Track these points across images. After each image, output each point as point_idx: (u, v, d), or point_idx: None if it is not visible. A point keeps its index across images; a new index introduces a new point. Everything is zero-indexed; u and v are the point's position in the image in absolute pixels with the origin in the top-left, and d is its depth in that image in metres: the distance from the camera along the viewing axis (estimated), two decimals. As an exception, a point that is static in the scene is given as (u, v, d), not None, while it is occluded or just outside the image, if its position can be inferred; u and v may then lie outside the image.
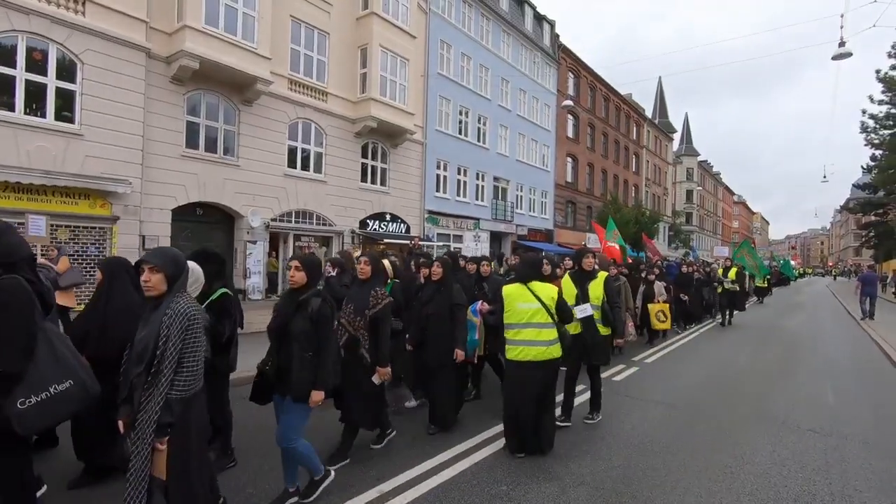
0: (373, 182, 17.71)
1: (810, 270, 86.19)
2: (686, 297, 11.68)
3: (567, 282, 4.94)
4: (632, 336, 8.04)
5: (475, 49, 22.78)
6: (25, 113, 9.68)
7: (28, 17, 9.57)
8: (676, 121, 56.31)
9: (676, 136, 54.72)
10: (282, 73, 14.29)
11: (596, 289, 4.83)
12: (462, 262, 6.20)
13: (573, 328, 4.58)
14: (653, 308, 9.61)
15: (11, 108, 9.52)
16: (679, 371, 7.58)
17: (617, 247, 13.05)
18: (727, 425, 5.05)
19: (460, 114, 22.04)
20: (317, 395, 3.02)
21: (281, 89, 14.31)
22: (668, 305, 9.81)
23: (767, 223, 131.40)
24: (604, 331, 4.85)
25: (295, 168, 15.03)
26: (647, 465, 4.01)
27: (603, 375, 7.04)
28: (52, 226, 9.91)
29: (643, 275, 10.39)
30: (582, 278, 4.88)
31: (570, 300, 4.67)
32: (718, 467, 4.02)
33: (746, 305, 18.88)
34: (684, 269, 12.57)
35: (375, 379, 3.84)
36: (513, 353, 4.03)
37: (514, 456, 4.07)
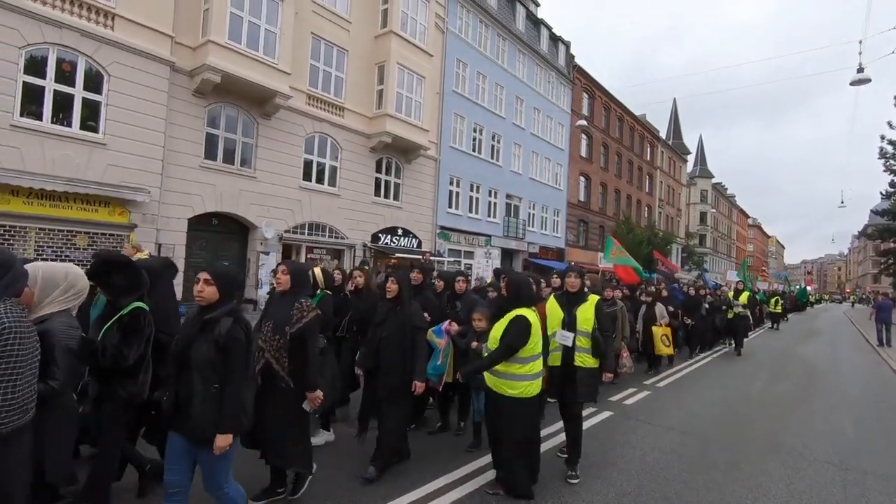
0: (386, 196, 17.84)
1: (827, 297, 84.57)
2: (691, 322, 10.99)
3: (553, 305, 4.29)
4: (626, 368, 7.26)
5: (491, 68, 23.06)
6: (52, 122, 9.97)
7: (60, 31, 9.91)
8: (690, 143, 56.21)
9: (690, 158, 54.54)
10: (300, 88, 14.57)
11: (585, 313, 4.16)
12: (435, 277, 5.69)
13: (554, 359, 4.17)
14: (656, 331, 8.88)
15: (39, 117, 9.81)
16: (692, 397, 7.43)
17: (629, 267, 12.80)
18: (742, 455, 4.92)
19: (474, 131, 22.23)
20: (222, 440, 2.43)
21: (299, 104, 14.58)
22: (670, 330, 9.13)
23: (783, 247, 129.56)
24: (591, 362, 4.12)
25: (310, 181, 15.23)
26: (660, 494, 3.91)
27: (613, 398, 6.98)
28: (70, 232, 10.15)
29: (638, 294, 9.91)
30: (570, 301, 4.24)
31: (556, 325, 4.18)
32: (733, 498, 3.91)
33: (758, 331, 18.52)
34: (691, 291, 12.03)
35: (307, 406, 3.30)
36: (489, 379, 3.71)
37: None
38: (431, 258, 17.20)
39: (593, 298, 4.25)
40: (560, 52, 29.31)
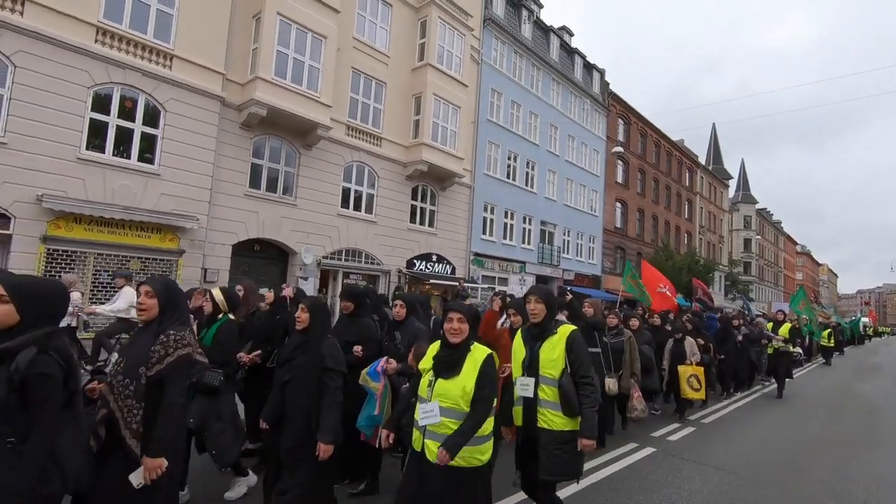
0: (421, 223, 18.08)
1: (888, 329, 78.90)
2: (721, 357, 9.47)
3: (518, 341, 3.23)
4: (638, 412, 6.16)
5: (525, 97, 23.33)
6: (114, 154, 10.70)
7: (124, 71, 10.73)
8: (731, 168, 54.65)
9: (732, 183, 52.96)
10: (340, 119, 15.13)
11: (551, 351, 3.02)
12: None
13: (516, 416, 3.15)
14: (684, 371, 7.51)
15: (102, 150, 10.55)
16: (741, 435, 7.04)
17: (664, 293, 12.13)
18: (798, 501, 4.60)
19: (509, 158, 22.39)
20: None
21: (339, 134, 15.12)
22: (702, 369, 7.68)
23: (836, 276, 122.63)
24: (559, 423, 2.96)
25: (348, 208, 15.64)
26: (709, 540, 3.70)
27: (656, 434, 6.69)
28: (125, 257, 10.74)
29: (659, 323, 8.55)
30: (532, 334, 3.14)
31: (518, 370, 3.15)
32: (791, 549, 3.65)
33: (809, 366, 17.30)
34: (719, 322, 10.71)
35: (134, 478, 2.27)
36: (417, 441, 2.65)
37: None
38: (465, 284, 17.23)
39: (564, 331, 3.08)
40: (595, 80, 29.40)
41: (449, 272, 18.82)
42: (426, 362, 2.76)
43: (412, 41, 17.47)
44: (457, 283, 16.80)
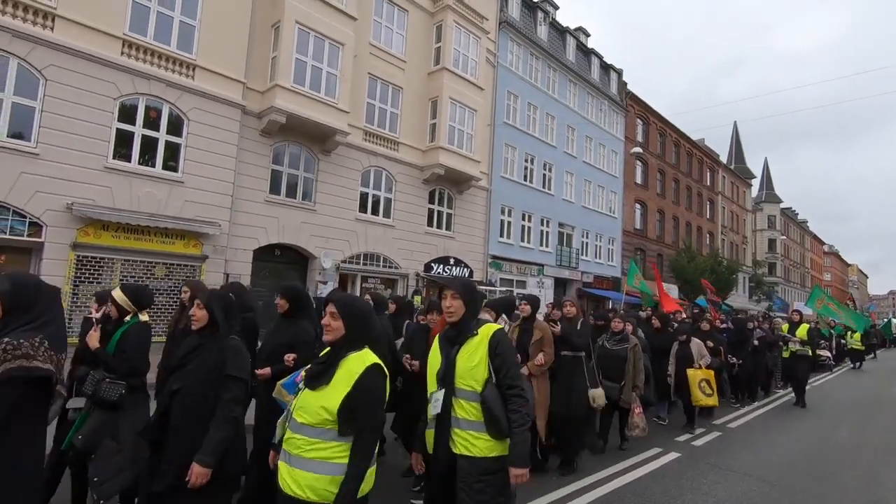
0: (438, 227, 18.12)
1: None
2: (737, 361, 8.81)
3: (434, 349, 2.67)
4: (638, 430, 5.61)
5: (542, 98, 23.23)
6: (139, 163, 10.99)
7: (149, 82, 11.02)
8: (754, 168, 53.46)
9: (755, 183, 51.79)
10: (358, 125, 15.28)
11: (469, 358, 2.47)
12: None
13: (428, 439, 2.56)
14: (693, 376, 6.84)
15: (129, 160, 10.84)
16: (770, 440, 6.85)
17: (670, 296, 11.82)
18: (831, 509, 4.46)
19: (526, 161, 22.30)
20: None
21: (356, 140, 15.27)
22: (712, 373, 7.04)
23: (866, 276, 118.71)
24: (481, 447, 2.39)
25: (366, 213, 15.76)
26: (738, 548, 3.60)
27: (680, 439, 6.56)
28: (150, 263, 11.00)
29: (660, 326, 7.74)
30: (449, 338, 2.58)
31: (433, 383, 2.57)
32: (824, 559, 3.53)
33: (837, 370, 16.57)
34: (729, 323, 9.95)
35: None
36: (284, 472, 2.05)
37: None
38: (481, 287, 17.18)
39: (487, 331, 2.50)
40: (612, 80, 29.12)
41: (467, 275, 18.79)
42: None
43: (428, 46, 17.56)
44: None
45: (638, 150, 24.16)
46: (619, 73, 29.69)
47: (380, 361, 2.09)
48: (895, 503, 4.69)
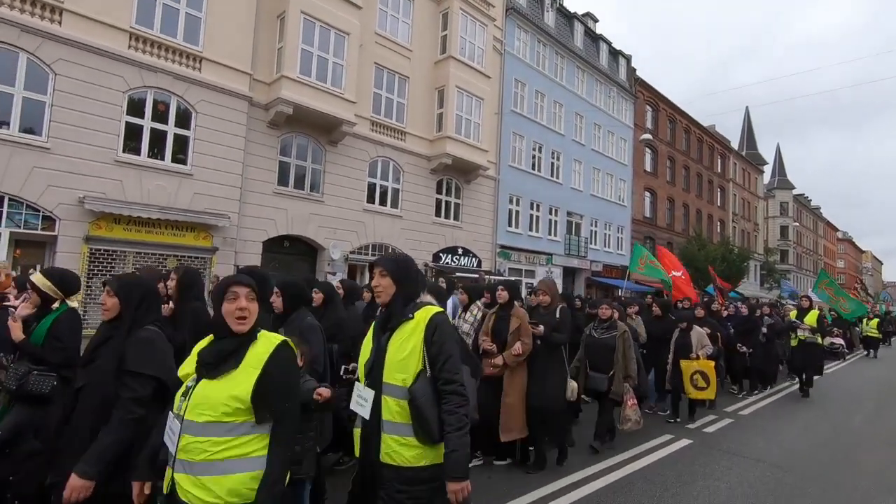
0: (446, 217, 18.08)
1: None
2: (747, 350, 8.59)
3: (367, 337, 2.29)
4: (631, 423, 5.24)
5: (549, 86, 22.98)
6: (149, 156, 11.05)
7: (156, 75, 11.04)
8: (766, 153, 52.64)
9: (767, 169, 51.02)
10: (364, 115, 15.22)
11: (401, 348, 2.08)
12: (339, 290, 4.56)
13: (356, 442, 2.18)
14: (687, 367, 6.49)
15: (138, 153, 10.91)
16: (781, 427, 6.81)
17: (681, 277, 11.46)
18: (845, 495, 4.43)
19: (534, 149, 22.12)
20: None
21: (363, 130, 15.22)
22: (712, 364, 6.58)
23: (880, 263, 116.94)
24: (409, 455, 2.01)
25: (373, 203, 15.76)
26: (751, 533, 3.60)
27: (692, 426, 6.54)
28: (161, 255, 11.10)
29: (660, 313, 7.40)
30: (383, 324, 2.20)
31: (361, 377, 2.20)
32: (839, 543, 3.52)
33: (851, 358, 16.30)
34: (742, 309, 9.50)
35: None
36: (184, 482, 1.72)
37: None
38: (486, 277, 17.14)
39: (424, 315, 2.11)
40: (621, 67, 28.71)
41: (475, 265, 18.78)
42: (187, 366, 1.87)
43: (434, 34, 17.40)
44: (479, 276, 16.73)
45: (647, 137, 23.91)
46: (628, 59, 29.26)
47: (287, 340, 1.89)
48: (911, 489, 4.65)
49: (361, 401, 2.11)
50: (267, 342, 1.84)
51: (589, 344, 5.51)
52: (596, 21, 28.25)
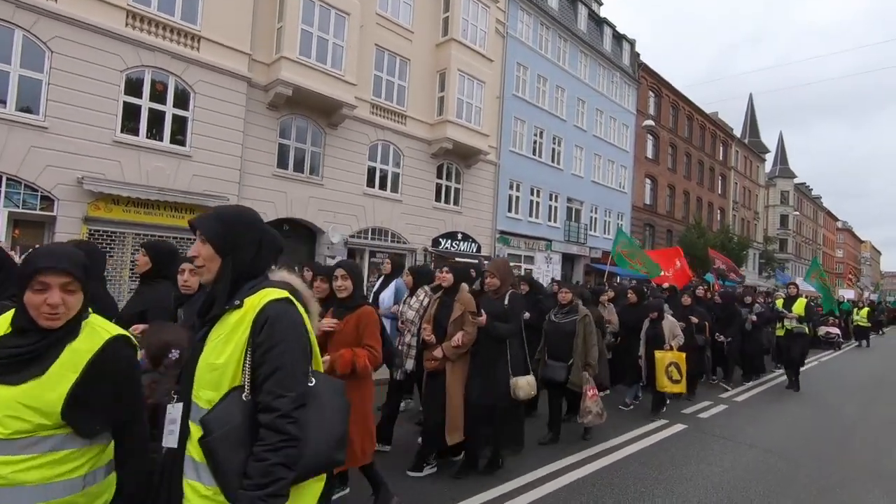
0: (446, 202, 18.03)
1: (933, 308, 75.23)
2: (725, 339, 8.31)
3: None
4: (591, 416, 4.73)
5: (552, 70, 22.72)
6: (147, 137, 10.96)
7: (154, 54, 10.89)
8: (769, 142, 52.33)
9: (769, 158, 50.76)
10: (365, 97, 15.07)
11: (217, 350, 1.42)
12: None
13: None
14: (661, 358, 6.07)
15: (136, 133, 10.81)
16: (775, 413, 6.90)
17: (677, 268, 11.36)
18: (837, 480, 4.51)
19: (535, 134, 21.97)
20: None
21: (363, 113, 15.08)
22: (684, 355, 6.18)
23: (879, 253, 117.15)
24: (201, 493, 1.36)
25: (373, 187, 15.69)
26: (742, 515, 3.67)
27: (686, 411, 6.63)
28: (160, 237, 11.08)
29: (636, 300, 6.88)
30: (203, 314, 1.54)
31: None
32: (828, 526, 3.59)
33: (846, 348, 16.25)
34: (715, 297, 8.99)
35: None
36: None
37: None
38: (484, 263, 17.18)
39: (257, 301, 1.45)
40: (624, 52, 28.36)
41: (475, 250, 18.80)
42: None
43: (436, 15, 17.14)
44: (477, 262, 16.76)
45: (650, 123, 23.75)
46: (632, 43, 28.89)
47: (124, 333, 1.55)
48: (900, 474, 4.73)
49: (171, 424, 1.48)
50: (92, 337, 1.44)
51: (548, 330, 5.15)
52: (600, 4, 27.82)
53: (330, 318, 3.10)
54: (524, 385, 4.03)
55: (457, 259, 16.78)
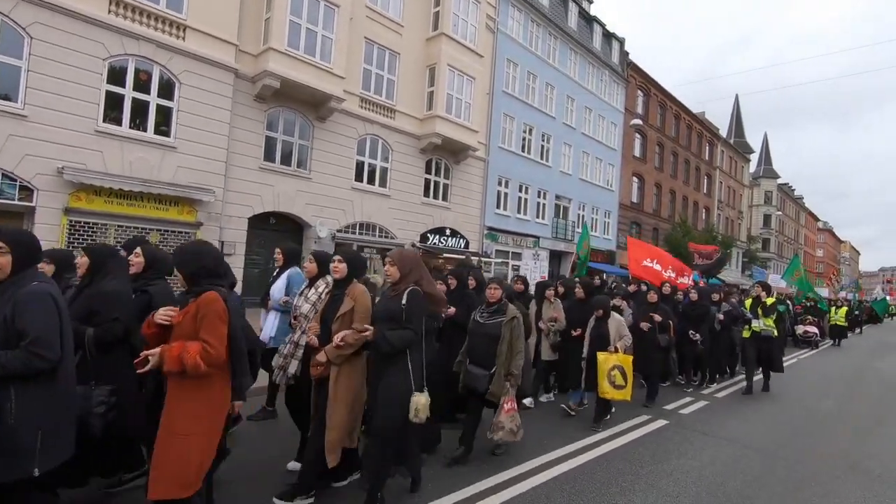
0: (435, 197, 18.01)
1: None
2: (698, 338, 7.71)
3: None
4: (505, 431, 4.07)
5: (541, 67, 22.77)
6: (131, 127, 10.77)
7: (138, 42, 10.68)
8: (754, 143, 53.10)
9: (754, 158, 51.55)
10: (354, 91, 14.96)
11: None
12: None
13: None
14: (604, 361, 5.37)
15: (119, 123, 10.62)
16: (755, 410, 7.04)
17: (654, 268, 11.41)
18: (812, 474, 4.62)
19: (524, 131, 22.03)
20: None
21: (352, 107, 14.98)
22: (630, 358, 5.49)
23: (858, 253, 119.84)
24: None
25: (362, 182, 15.61)
26: (720, 509, 3.75)
27: (668, 407, 6.73)
28: (144, 230, 10.91)
29: (583, 296, 6.28)
30: None
31: None
32: (802, 519, 3.68)
33: (823, 346, 16.14)
34: (692, 295, 8.19)
35: None
36: None
37: None
38: (472, 258, 17.20)
39: None
40: (614, 50, 28.51)
41: (462, 246, 18.82)
42: None
43: (426, 10, 17.05)
44: (464, 256, 16.78)
45: (638, 122, 23.94)
46: (622, 42, 29.05)
47: None
48: (876, 469, 4.86)
49: None
50: None
51: (472, 332, 4.40)
52: (590, 2, 27.91)
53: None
54: (423, 405, 3.19)
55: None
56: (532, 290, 7.10)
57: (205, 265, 2.55)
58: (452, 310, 4.89)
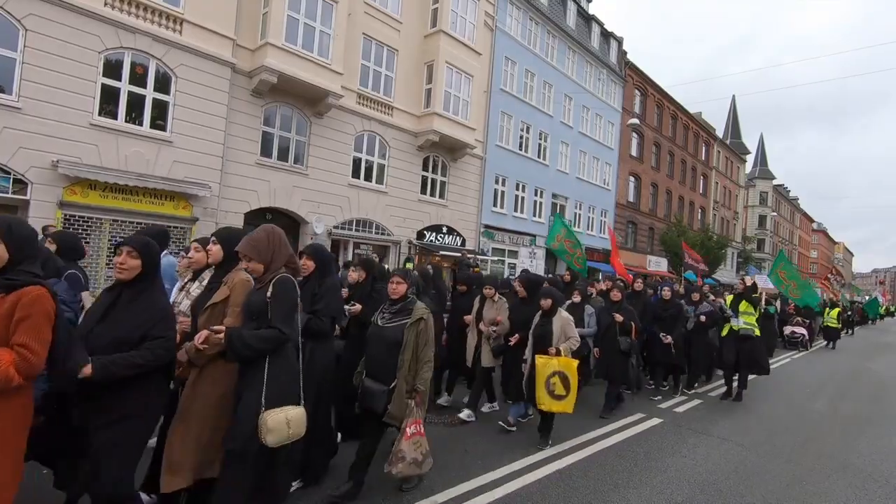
0: (432, 195, 18.00)
1: (900, 309, 77.76)
2: (669, 340, 6.95)
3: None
4: (405, 463, 3.29)
5: (539, 66, 22.76)
6: (126, 121, 10.68)
7: (134, 36, 10.60)
8: (750, 144, 53.37)
9: (750, 159, 51.78)
10: (351, 87, 14.91)
11: None
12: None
13: None
14: (543, 366, 4.60)
15: (115, 117, 10.53)
16: (747, 409, 7.09)
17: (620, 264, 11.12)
18: (804, 472, 4.67)
19: (521, 129, 22.02)
20: None
21: (350, 103, 14.93)
22: (575, 363, 4.67)
23: (851, 254, 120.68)
24: None
25: (359, 178, 15.57)
26: (713, 506, 3.77)
27: (663, 405, 6.78)
28: (140, 224, 10.85)
29: (525, 295, 5.36)
30: None
31: None
32: (794, 517, 3.71)
33: (815, 346, 15.92)
34: (664, 293, 7.40)
35: None
36: None
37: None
38: (469, 256, 17.21)
39: None
40: (612, 49, 28.54)
41: (459, 244, 18.82)
42: None
43: (425, 6, 17.00)
44: (460, 254, 16.79)
45: (635, 121, 23.97)
46: (620, 41, 29.07)
47: None
48: (867, 469, 4.91)
49: None
50: None
51: (370, 337, 3.56)
52: (589, 1, 27.91)
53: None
54: (278, 424, 2.49)
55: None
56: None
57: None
58: (358, 307, 4.13)
